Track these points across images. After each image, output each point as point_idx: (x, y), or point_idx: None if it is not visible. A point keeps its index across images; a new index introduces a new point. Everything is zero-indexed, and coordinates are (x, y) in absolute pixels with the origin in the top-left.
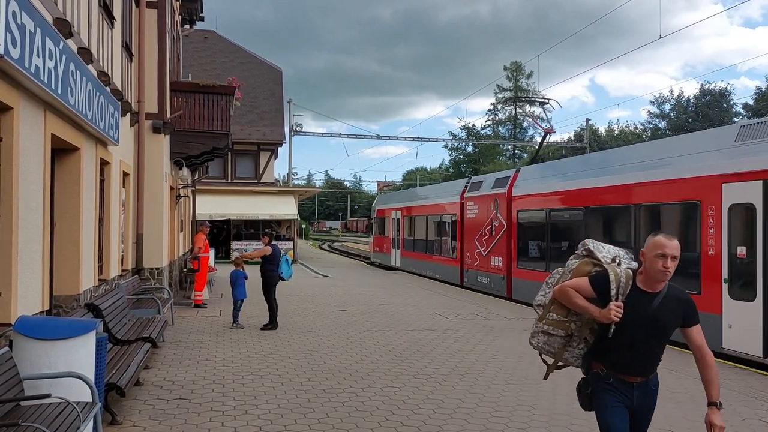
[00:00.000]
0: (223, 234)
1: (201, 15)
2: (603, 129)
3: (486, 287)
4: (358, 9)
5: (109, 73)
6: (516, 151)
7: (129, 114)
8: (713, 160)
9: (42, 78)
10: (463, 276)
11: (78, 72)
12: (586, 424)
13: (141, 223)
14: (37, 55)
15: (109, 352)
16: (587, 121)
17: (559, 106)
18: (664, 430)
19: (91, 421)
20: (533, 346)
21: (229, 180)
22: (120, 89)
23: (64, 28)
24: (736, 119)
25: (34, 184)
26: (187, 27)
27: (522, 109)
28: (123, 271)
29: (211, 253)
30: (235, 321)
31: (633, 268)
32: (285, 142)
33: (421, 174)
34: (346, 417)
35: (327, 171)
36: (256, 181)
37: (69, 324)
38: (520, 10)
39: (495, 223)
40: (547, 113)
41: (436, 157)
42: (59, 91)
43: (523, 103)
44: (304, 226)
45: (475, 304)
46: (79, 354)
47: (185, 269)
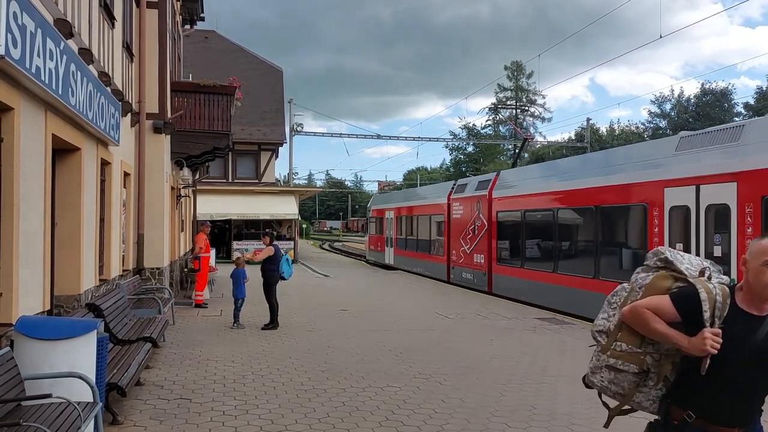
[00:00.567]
0: (226, 235)
1: (202, 15)
2: (604, 129)
3: (470, 283)
4: (357, 8)
5: (110, 73)
6: (516, 150)
7: (130, 114)
8: (657, 168)
9: (43, 78)
10: (450, 273)
11: (79, 72)
12: (587, 424)
13: (142, 223)
14: (38, 55)
15: (110, 352)
16: (588, 120)
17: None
18: None
19: (92, 421)
20: (593, 385)
21: (229, 180)
22: (121, 89)
23: (65, 28)
24: (737, 119)
25: (35, 184)
26: (187, 27)
27: (504, 115)
28: (124, 271)
29: (212, 253)
30: (236, 321)
31: (726, 282)
32: (286, 142)
33: (421, 174)
34: (347, 417)
35: (328, 171)
36: (257, 180)
37: (70, 324)
38: (520, 9)
39: (477, 223)
40: (528, 121)
41: (437, 156)
42: (60, 92)
43: (508, 110)
44: (304, 226)
45: (475, 304)
46: (80, 354)
47: (186, 269)
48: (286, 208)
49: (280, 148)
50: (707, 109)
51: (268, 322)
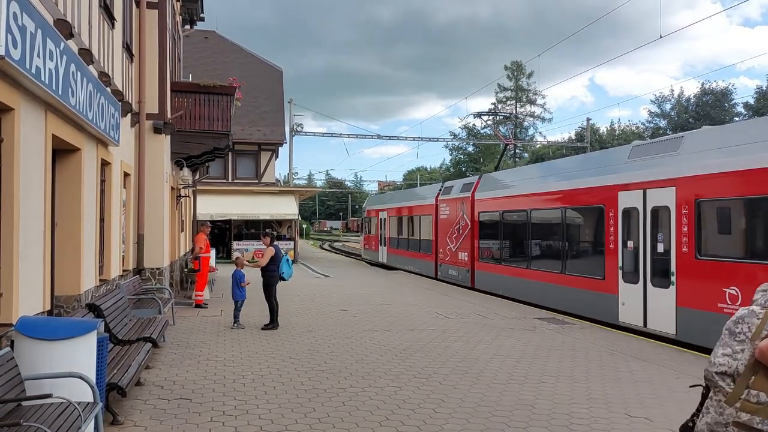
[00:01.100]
0: (226, 235)
1: (201, 15)
2: (604, 128)
3: (455, 279)
4: (357, 9)
5: (110, 73)
6: (517, 150)
7: (130, 114)
8: (613, 173)
9: (43, 79)
10: (438, 270)
11: (79, 73)
12: (587, 424)
13: (142, 224)
14: (38, 56)
15: (110, 352)
16: (588, 120)
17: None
18: (664, 429)
19: (93, 421)
20: None
21: (229, 180)
22: (121, 90)
23: (65, 28)
24: (737, 119)
25: (35, 184)
26: (187, 27)
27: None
28: (124, 271)
29: (212, 253)
30: (236, 321)
31: None
32: (285, 142)
33: (421, 174)
34: (347, 417)
35: (327, 171)
36: (257, 181)
37: (70, 324)
38: (519, 9)
39: (462, 223)
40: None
41: (437, 156)
42: (60, 92)
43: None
44: (304, 226)
45: (475, 303)
46: (80, 354)
47: (186, 269)
48: (286, 208)
49: (280, 148)
50: (707, 109)
51: (268, 323)
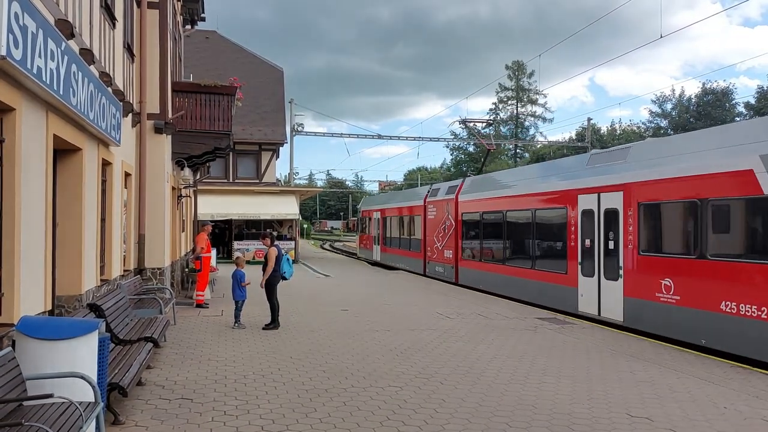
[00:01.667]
0: (225, 235)
1: (202, 15)
2: (605, 128)
3: (441, 275)
4: (357, 9)
5: (111, 73)
6: (518, 150)
7: (131, 114)
8: (574, 179)
9: (44, 79)
10: (426, 267)
11: (80, 73)
12: (588, 424)
13: (143, 224)
14: (39, 56)
15: (111, 352)
16: (588, 120)
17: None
18: (665, 429)
19: (94, 420)
20: None
21: (230, 180)
22: (122, 90)
23: (66, 29)
24: (738, 118)
25: (36, 184)
26: (188, 27)
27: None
28: (125, 271)
29: (213, 253)
30: (237, 321)
31: None
32: (286, 142)
33: (422, 174)
34: (348, 417)
35: (328, 171)
36: (258, 181)
37: (71, 324)
38: (519, 9)
39: (447, 223)
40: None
41: (438, 156)
42: (61, 92)
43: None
44: (305, 226)
45: (476, 303)
46: (82, 354)
47: (187, 269)
48: (287, 208)
49: (281, 148)
50: (708, 109)
51: (269, 322)
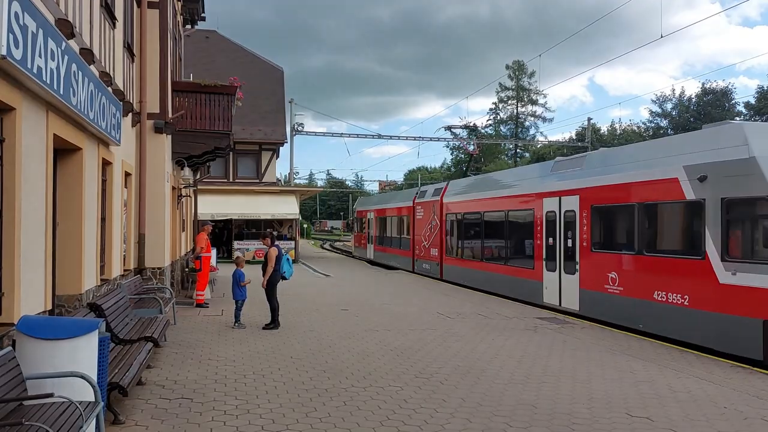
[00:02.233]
0: (225, 234)
1: (202, 15)
2: (605, 128)
3: (427, 272)
4: (356, 9)
5: (111, 73)
6: (518, 149)
7: (131, 114)
8: (540, 183)
9: (44, 78)
10: (414, 264)
11: (80, 72)
12: (588, 424)
13: (143, 223)
14: (39, 55)
15: (111, 352)
16: (589, 120)
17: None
18: (665, 429)
19: (94, 420)
20: None
21: (230, 180)
22: (122, 89)
23: (66, 28)
24: (738, 118)
25: (36, 184)
26: (188, 27)
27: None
28: (125, 270)
29: (213, 252)
30: (237, 320)
31: None
32: (286, 142)
33: (422, 173)
34: (348, 416)
35: (328, 170)
36: (258, 180)
37: (71, 324)
38: (519, 9)
39: (433, 223)
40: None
41: (438, 156)
42: (61, 92)
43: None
44: (305, 226)
45: (475, 303)
46: (82, 354)
47: (187, 269)
48: (287, 207)
49: (281, 148)
50: (708, 109)
51: (269, 322)
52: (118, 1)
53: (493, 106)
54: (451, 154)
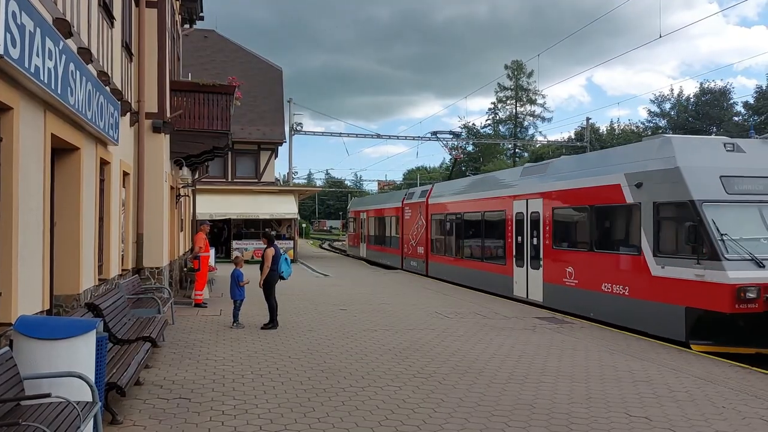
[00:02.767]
0: (223, 234)
1: (201, 14)
2: (604, 128)
3: (415, 269)
4: (355, 9)
5: (109, 72)
6: (516, 149)
7: (129, 113)
8: (510, 187)
9: (42, 78)
10: (403, 262)
11: (78, 72)
12: (586, 423)
13: (141, 223)
14: (37, 55)
15: (109, 352)
16: (587, 120)
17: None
18: (664, 429)
19: (92, 420)
20: None
21: (229, 179)
22: (120, 89)
23: (64, 27)
24: (736, 118)
25: (34, 183)
26: (187, 26)
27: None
28: (123, 270)
29: (212, 252)
30: (236, 320)
31: None
32: (285, 142)
33: (421, 173)
34: (346, 416)
35: (327, 170)
36: (257, 180)
37: (69, 323)
38: (517, 9)
39: (419, 223)
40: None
41: (437, 156)
42: (59, 91)
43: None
44: (304, 226)
45: (474, 303)
46: (80, 354)
47: (186, 269)
48: (286, 207)
49: (280, 148)
50: (707, 109)
51: (267, 322)
52: (116, 0)
53: (492, 106)
54: (450, 154)
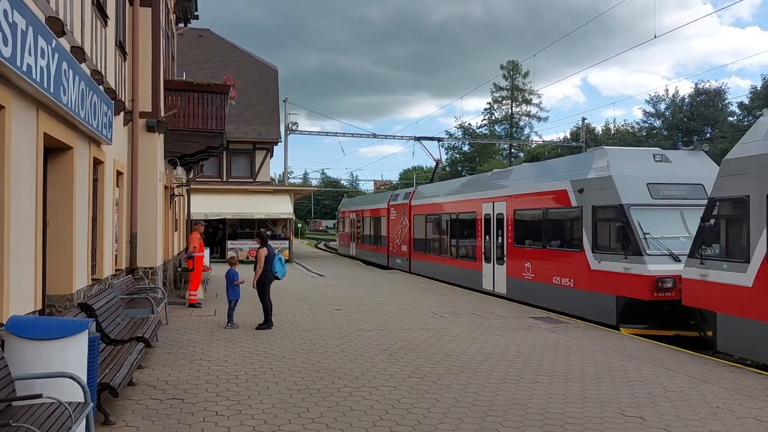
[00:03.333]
0: (218, 234)
1: (195, 13)
2: (600, 128)
3: (399, 266)
4: (350, 8)
5: (103, 71)
6: (512, 149)
7: (123, 113)
8: (480, 190)
9: (34, 77)
10: (389, 260)
11: (71, 71)
12: (580, 423)
13: (135, 223)
14: (29, 53)
15: (102, 352)
16: (583, 120)
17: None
18: (658, 428)
19: (84, 421)
20: None
21: (224, 179)
22: (113, 88)
23: (57, 26)
24: (730, 118)
25: (26, 183)
26: (181, 25)
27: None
28: (117, 270)
29: (206, 252)
30: (230, 320)
31: None
32: (280, 141)
33: (417, 173)
34: (341, 417)
35: (323, 170)
36: (252, 180)
37: (61, 324)
38: (512, 9)
39: (403, 223)
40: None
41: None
42: (52, 90)
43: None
44: (300, 226)
45: (470, 302)
46: (72, 354)
47: (180, 269)
48: (281, 207)
49: (275, 147)
50: (701, 109)
51: (262, 322)
52: None
53: (488, 106)
54: (446, 154)
